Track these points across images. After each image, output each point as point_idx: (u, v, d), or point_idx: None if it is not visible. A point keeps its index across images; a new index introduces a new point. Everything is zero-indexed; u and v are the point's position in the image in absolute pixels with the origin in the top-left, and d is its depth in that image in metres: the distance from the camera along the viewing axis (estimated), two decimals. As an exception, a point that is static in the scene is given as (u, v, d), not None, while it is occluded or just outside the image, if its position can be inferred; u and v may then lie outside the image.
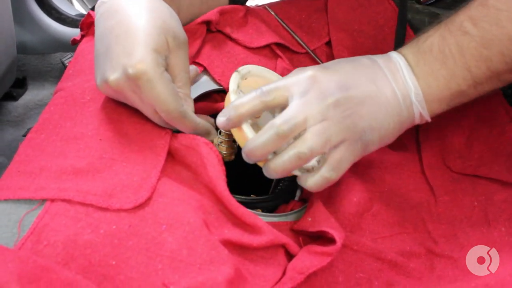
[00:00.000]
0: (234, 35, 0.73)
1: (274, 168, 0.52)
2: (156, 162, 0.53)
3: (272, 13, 0.77)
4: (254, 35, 0.74)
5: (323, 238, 0.55)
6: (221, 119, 0.53)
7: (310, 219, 0.57)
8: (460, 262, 0.55)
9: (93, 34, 0.69)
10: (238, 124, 0.53)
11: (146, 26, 0.53)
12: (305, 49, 0.75)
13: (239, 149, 0.60)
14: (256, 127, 0.61)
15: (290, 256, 0.54)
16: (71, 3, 1.52)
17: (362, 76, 0.54)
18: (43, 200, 0.47)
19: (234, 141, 0.63)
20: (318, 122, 0.50)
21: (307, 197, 0.67)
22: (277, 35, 0.75)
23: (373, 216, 0.60)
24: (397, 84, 0.55)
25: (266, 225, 0.53)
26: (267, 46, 0.74)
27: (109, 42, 0.53)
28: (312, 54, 0.75)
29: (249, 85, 0.62)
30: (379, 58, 0.57)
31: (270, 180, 0.79)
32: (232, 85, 0.57)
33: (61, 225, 0.45)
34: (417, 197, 0.61)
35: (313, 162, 0.53)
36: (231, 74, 0.69)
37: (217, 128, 0.63)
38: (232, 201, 0.53)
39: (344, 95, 0.52)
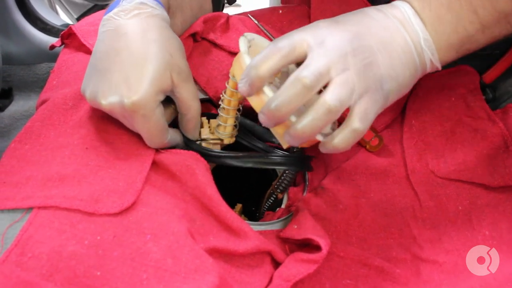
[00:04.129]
0: (219, 41, 0.73)
1: (302, 129, 0.48)
2: (142, 168, 0.53)
3: (253, 19, 0.77)
4: (237, 39, 0.74)
5: (309, 246, 0.56)
6: (242, 85, 0.50)
7: (296, 226, 0.57)
8: (445, 266, 0.55)
9: (75, 46, 0.69)
10: (260, 87, 0.50)
11: (154, 60, 0.53)
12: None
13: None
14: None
15: (276, 264, 0.55)
16: (57, 13, 1.51)
17: (374, 25, 0.52)
18: (28, 211, 0.47)
19: (235, 125, 0.63)
20: (341, 72, 0.47)
21: (293, 205, 0.67)
22: None
23: (359, 222, 0.60)
24: (407, 31, 0.53)
25: (252, 231, 0.53)
26: None
27: (111, 63, 0.53)
28: None
29: (252, 56, 0.60)
30: (384, 7, 0.55)
31: (257, 191, 0.80)
32: (243, 47, 0.54)
33: (45, 237, 0.44)
34: (402, 203, 0.62)
35: (328, 129, 0.53)
36: (215, 82, 0.70)
37: (209, 115, 0.65)
38: (221, 204, 0.53)
39: (361, 43, 0.49)
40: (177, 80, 0.55)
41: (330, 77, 0.47)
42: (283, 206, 0.70)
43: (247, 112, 0.67)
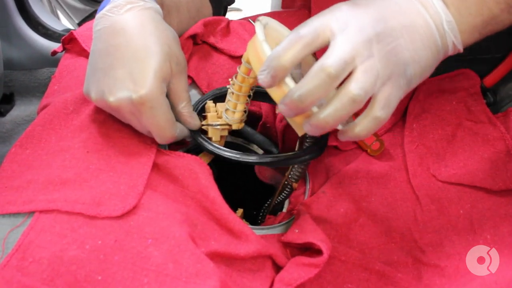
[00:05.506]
0: (219, 45, 0.73)
1: (325, 119, 0.46)
2: (143, 171, 0.53)
3: (254, 23, 0.78)
4: (238, 43, 0.74)
5: (310, 250, 0.56)
6: (263, 77, 0.47)
7: (297, 230, 0.57)
8: (446, 270, 0.55)
9: (76, 51, 0.69)
10: (282, 77, 0.47)
11: (155, 53, 0.54)
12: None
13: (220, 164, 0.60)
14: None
15: (277, 268, 0.55)
16: (58, 18, 1.52)
17: (395, 8, 0.49)
18: (29, 215, 0.47)
19: (245, 110, 0.62)
20: (365, 59, 0.45)
21: (294, 209, 0.67)
22: None
23: (360, 226, 0.60)
24: (428, 13, 0.50)
25: (253, 234, 0.53)
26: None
27: (113, 60, 0.54)
28: None
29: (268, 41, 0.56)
30: None
31: (259, 194, 0.80)
32: (261, 34, 0.51)
33: (46, 242, 0.44)
34: (403, 207, 0.62)
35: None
36: (216, 86, 0.70)
37: (216, 100, 0.64)
38: (224, 207, 0.53)
39: (384, 27, 0.47)
40: (175, 70, 0.56)
41: (354, 65, 0.45)
42: (284, 210, 0.70)
43: (248, 120, 0.66)
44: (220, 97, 0.65)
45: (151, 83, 0.52)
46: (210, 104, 0.64)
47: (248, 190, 0.84)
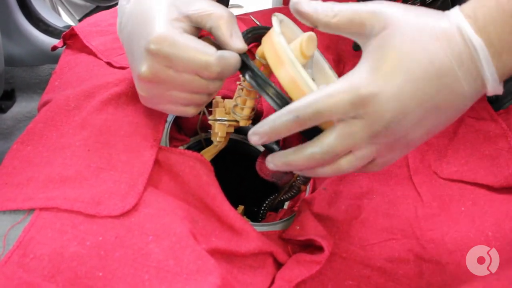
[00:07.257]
0: None
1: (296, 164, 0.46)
2: (143, 170, 0.53)
3: (255, 20, 0.77)
4: None
5: (311, 246, 0.55)
6: (255, 138, 0.46)
7: (298, 227, 0.57)
8: (448, 267, 0.55)
9: (77, 48, 0.69)
10: (272, 140, 0.47)
11: (154, 4, 0.50)
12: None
13: (225, 157, 0.60)
14: None
15: (278, 265, 0.55)
16: (59, 15, 1.52)
17: (426, 84, 0.41)
18: (30, 212, 0.47)
19: (253, 108, 0.60)
20: (363, 149, 0.44)
21: (295, 206, 0.67)
22: None
23: (361, 223, 0.60)
24: (469, 87, 0.42)
25: (254, 231, 0.53)
26: (249, 50, 0.74)
27: (130, 42, 0.51)
28: None
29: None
30: (449, 45, 0.41)
31: (259, 191, 0.80)
32: (277, 28, 0.50)
33: (47, 238, 0.44)
34: (405, 203, 0.61)
35: None
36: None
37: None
38: (225, 204, 0.53)
39: (397, 124, 0.42)
40: (183, 3, 0.52)
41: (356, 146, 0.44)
42: (285, 207, 0.70)
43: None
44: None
45: (157, 26, 0.48)
46: (218, 99, 0.63)
47: (249, 187, 0.84)
